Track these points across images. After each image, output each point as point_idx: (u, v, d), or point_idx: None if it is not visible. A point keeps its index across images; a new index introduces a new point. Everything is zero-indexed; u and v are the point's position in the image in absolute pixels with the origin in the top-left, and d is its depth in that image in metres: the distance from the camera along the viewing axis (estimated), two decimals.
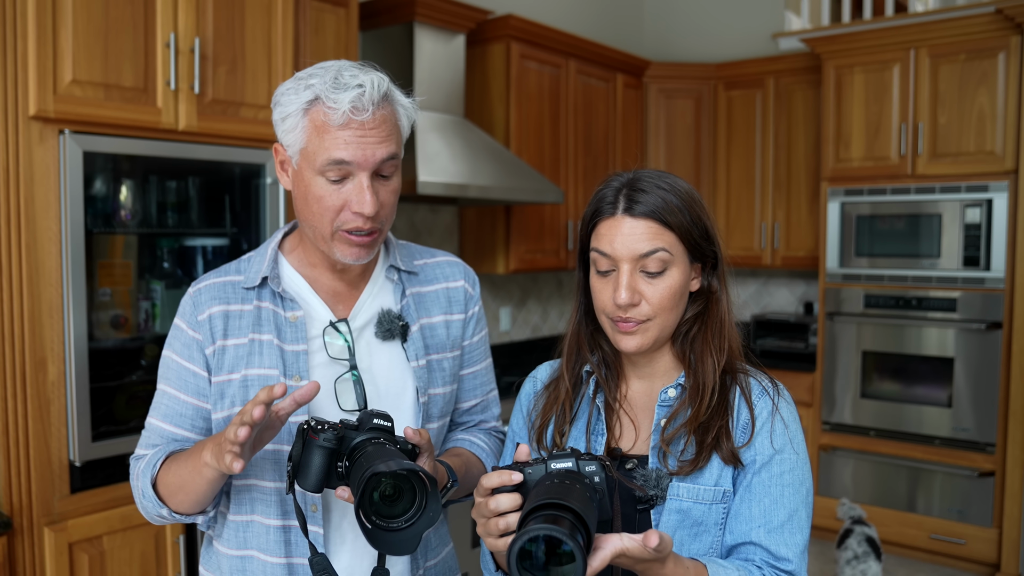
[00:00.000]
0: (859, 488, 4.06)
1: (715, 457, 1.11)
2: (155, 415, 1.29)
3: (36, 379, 2.06)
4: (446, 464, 1.26)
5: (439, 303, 1.36)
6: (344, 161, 1.15)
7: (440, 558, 1.37)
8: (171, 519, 1.26)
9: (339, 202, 1.17)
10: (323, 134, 1.15)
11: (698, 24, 5.05)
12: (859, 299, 4.03)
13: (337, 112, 1.13)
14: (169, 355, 1.28)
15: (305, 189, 1.19)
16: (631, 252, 1.09)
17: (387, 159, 1.18)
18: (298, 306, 1.26)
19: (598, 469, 0.96)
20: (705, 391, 1.13)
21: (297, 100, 1.17)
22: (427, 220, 3.77)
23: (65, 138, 2.06)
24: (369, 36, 3.45)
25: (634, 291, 1.09)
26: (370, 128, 1.15)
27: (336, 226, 1.18)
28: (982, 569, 3.74)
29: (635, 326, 1.11)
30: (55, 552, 2.08)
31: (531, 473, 0.97)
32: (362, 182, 1.16)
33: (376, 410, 1.11)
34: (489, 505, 0.97)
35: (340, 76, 1.16)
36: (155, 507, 1.23)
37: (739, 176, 4.63)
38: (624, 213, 1.10)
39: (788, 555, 1.08)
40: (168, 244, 2.41)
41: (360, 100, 1.14)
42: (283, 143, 1.22)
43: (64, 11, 2.04)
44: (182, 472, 1.18)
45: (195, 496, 1.19)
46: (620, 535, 0.92)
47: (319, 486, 1.08)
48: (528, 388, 1.32)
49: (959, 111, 3.73)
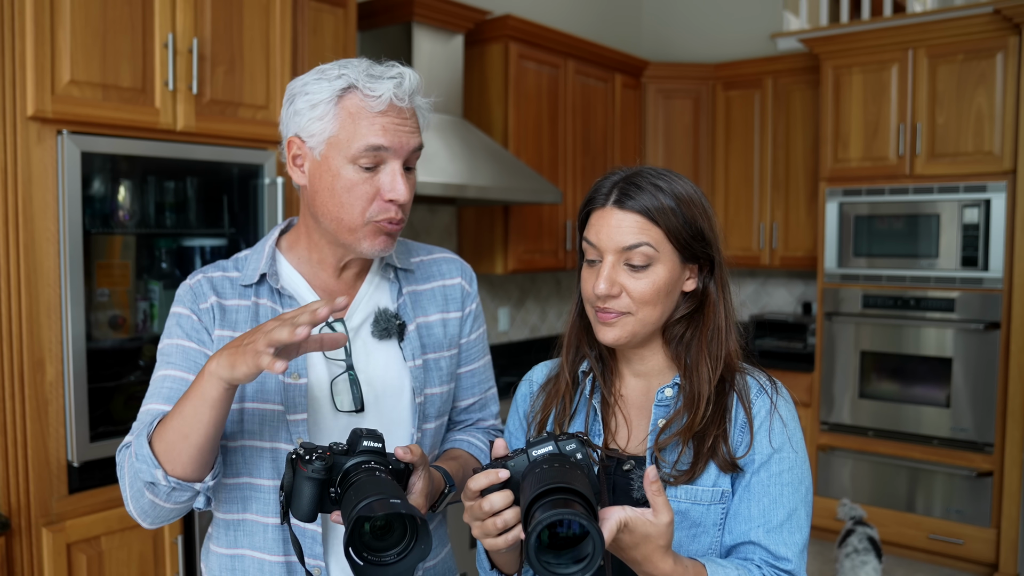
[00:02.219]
0: (858, 488, 4.06)
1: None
2: (155, 400, 1.20)
3: (34, 379, 2.05)
4: (443, 470, 1.25)
5: (436, 301, 1.36)
6: (382, 147, 1.16)
7: (439, 559, 1.36)
8: (163, 497, 1.12)
9: (371, 190, 1.18)
10: (359, 120, 1.15)
11: (696, 24, 5.06)
12: (857, 299, 4.04)
13: (378, 99, 1.15)
14: (171, 342, 1.23)
15: (332, 179, 1.18)
16: (616, 244, 1.10)
17: (416, 149, 1.20)
18: (296, 303, 1.25)
19: (578, 447, 0.98)
20: (700, 400, 1.12)
21: (330, 88, 1.16)
22: (425, 220, 3.77)
23: (63, 138, 2.06)
24: (367, 36, 3.45)
25: (613, 282, 1.10)
26: (406, 118, 1.18)
27: (368, 216, 1.18)
28: (980, 569, 3.74)
29: (615, 317, 1.12)
30: (53, 552, 2.08)
31: (514, 466, 0.98)
32: (395, 168, 1.18)
33: (366, 429, 1.09)
34: (483, 507, 0.97)
35: (373, 68, 1.18)
36: (150, 468, 1.09)
37: (737, 176, 4.63)
38: (614, 205, 1.11)
39: (787, 554, 1.08)
40: (166, 244, 2.41)
41: (400, 88, 1.17)
42: (304, 134, 1.19)
43: (62, 11, 2.04)
44: (182, 408, 1.08)
45: (196, 438, 1.07)
46: (622, 507, 0.95)
47: (312, 515, 1.06)
48: (524, 389, 1.31)
49: (957, 111, 3.73)
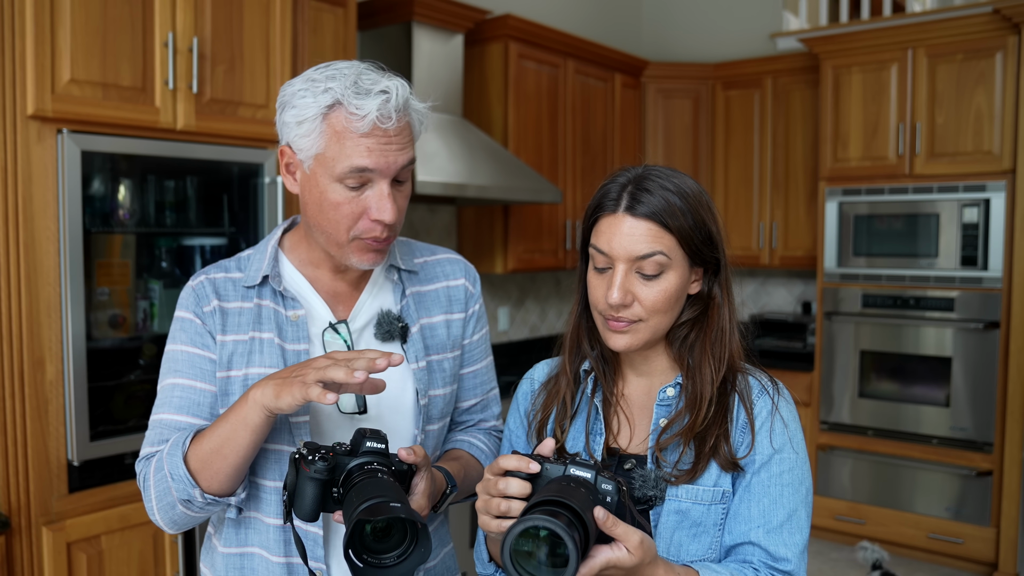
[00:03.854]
0: (857, 487, 4.06)
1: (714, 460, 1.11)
2: (166, 410, 1.21)
3: (34, 378, 2.05)
4: (444, 470, 1.25)
5: (439, 302, 1.35)
6: (367, 169, 1.12)
7: (439, 559, 1.36)
8: (196, 510, 1.16)
9: (358, 209, 1.15)
10: (344, 140, 1.12)
11: (696, 24, 5.06)
12: (857, 299, 4.04)
13: (362, 119, 1.10)
14: (177, 348, 1.23)
15: (320, 195, 1.16)
16: (628, 253, 1.07)
17: (406, 166, 1.16)
18: (299, 305, 1.24)
19: (613, 491, 0.95)
20: (702, 401, 1.11)
21: (315, 104, 1.12)
22: (425, 220, 3.77)
23: (63, 137, 2.06)
24: (367, 36, 3.45)
25: (627, 292, 1.08)
26: (394, 136, 1.13)
27: (353, 234, 1.16)
28: (980, 568, 3.74)
29: (626, 326, 1.10)
30: (53, 552, 2.08)
31: (548, 469, 0.97)
32: (383, 190, 1.14)
33: (369, 429, 1.09)
34: (498, 485, 0.96)
35: (360, 80, 1.12)
36: (186, 487, 1.12)
37: (737, 176, 4.63)
38: (625, 212, 1.08)
39: (787, 555, 1.08)
40: (166, 243, 2.41)
41: (386, 107, 1.11)
42: (294, 146, 1.17)
43: (62, 10, 2.04)
44: (220, 430, 1.10)
45: (234, 458, 1.11)
46: (612, 545, 0.93)
47: (314, 515, 1.07)
48: (525, 388, 1.31)
49: (957, 111, 3.73)
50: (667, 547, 1.10)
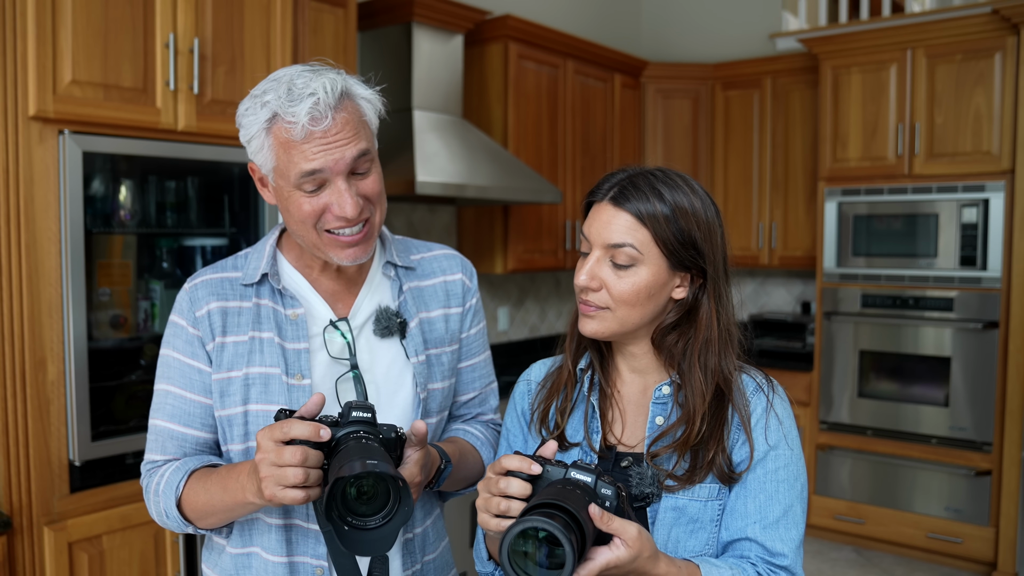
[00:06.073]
0: (856, 487, 4.07)
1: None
2: (160, 416, 1.26)
3: (36, 379, 2.06)
4: (438, 447, 1.26)
5: (437, 297, 1.36)
6: (316, 171, 1.14)
7: (438, 552, 1.37)
8: (194, 531, 1.25)
9: (320, 208, 1.17)
10: (289, 150, 1.14)
11: (695, 24, 5.06)
12: (856, 299, 4.05)
13: (297, 126, 1.12)
14: (170, 353, 1.26)
15: (286, 203, 1.19)
16: (603, 239, 1.12)
17: (358, 157, 1.16)
18: (299, 303, 1.25)
19: (613, 495, 0.97)
20: (695, 416, 1.12)
21: (256, 120, 1.15)
22: (425, 220, 3.78)
23: (64, 138, 2.07)
24: (367, 36, 3.45)
25: (594, 276, 1.12)
26: (334, 133, 1.13)
27: (320, 227, 1.18)
28: (979, 568, 3.75)
29: (594, 311, 1.14)
30: (55, 551, 2.09)
31: (549, 471, 0.98)
32: (339, 186, 1.15)
33: (356, 401, 1.10)
34: (499, 484, 0.98)
35: (292, 87, 1.13)
36: (179, 526, 1.22)
37: (736, 176, 4.64)
38: (609, 201, 1.12)
39: (784, 550, 1.09)
40: (167, 244, 2.42)
41: (316, 109, 1.11)
42: (256, 162, 1.20)
43: (63, 11, 2.04)
44: (215, 501, 1.17)
45: (231, 517, 1.20)
46: (610, 545, 0.94)
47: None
48: (522, 388, 1.32)
49: (956, 111, 3.74)
50: (664, 543, 1.11)
